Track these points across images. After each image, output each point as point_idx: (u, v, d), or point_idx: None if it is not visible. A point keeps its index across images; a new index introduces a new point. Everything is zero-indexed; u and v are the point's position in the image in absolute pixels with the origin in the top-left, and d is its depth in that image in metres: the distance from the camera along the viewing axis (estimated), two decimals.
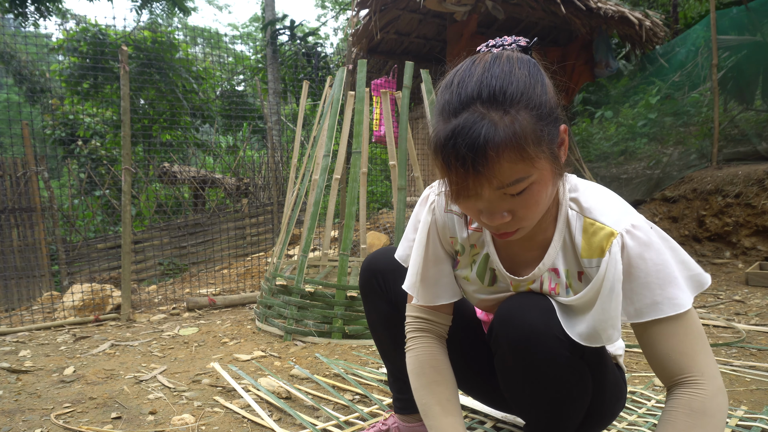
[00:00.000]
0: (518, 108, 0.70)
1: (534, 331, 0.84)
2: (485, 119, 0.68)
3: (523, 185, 0.72)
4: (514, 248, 0.92)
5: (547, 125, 0.72)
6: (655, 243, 0.78)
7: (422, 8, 4.72)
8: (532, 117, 0.70)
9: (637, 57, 5.98)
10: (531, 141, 0.70)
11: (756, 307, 2.98)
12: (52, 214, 5.84)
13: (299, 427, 1.44)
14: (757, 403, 1.59)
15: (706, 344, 0.79)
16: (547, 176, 0.75)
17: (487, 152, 0.68)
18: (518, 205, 0.74)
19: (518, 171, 0.70)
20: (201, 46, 13.63)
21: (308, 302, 2.48)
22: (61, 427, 1.48)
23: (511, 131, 0.68)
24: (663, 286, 0.77)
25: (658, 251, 0.78)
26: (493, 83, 0.71)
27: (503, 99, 0.70)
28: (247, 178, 7.73)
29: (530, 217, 0.77)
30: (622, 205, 0.83)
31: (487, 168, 0.69)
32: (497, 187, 0.71)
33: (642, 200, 5.17)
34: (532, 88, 0.72)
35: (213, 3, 26.86)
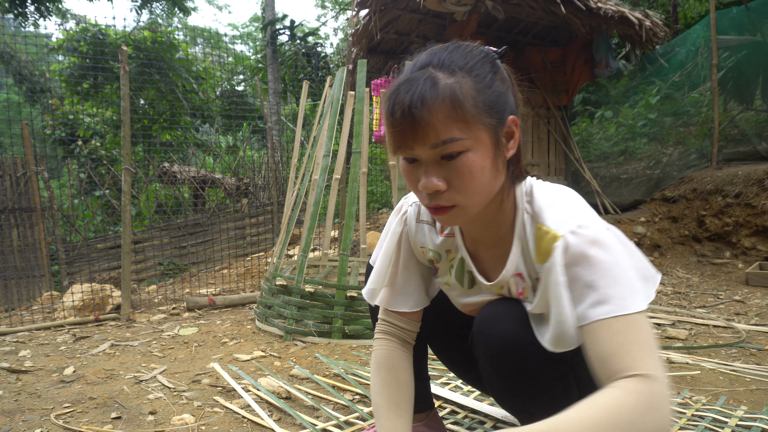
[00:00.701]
0: (463, 73, 0.74)
1: (507, 339, 0.86)
2: (430, 75, 0.74)
3: (456, 147, 0.73)
4: (482, 253, 0.93)
5: (490, 101, 0.76)
6: (604, 242, 0.73)
7: (422, 8, 4.71)
8: (475, 86, 0.74)
9: (637, 57, 5.98)
10: (470, 105, 0.73)
11: (756, 307, 2.98)
12: (52, 214, 5.84)
13: (299, 427, 1.44)
14: (757, 403, 1.59)
15: (655, 349, 0.68)
16: (485, 151, 0.75)
17: (425, 102, 0.71)
18: (453, 172, 0.75)
19: (453, 130, 0.72)
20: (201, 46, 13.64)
21: (308, 302, 2.48)
22: (61, 427, 1.48)
23: (451, 89, 0.72)
24: (610, 285, 0.71)
25: (606, 249, 0.73)
26: (447, 52, 0.78)
27: (452, 63, 0.75)
28: (247, 178, 7.74)
29: (466, 191, 0.76)
30: (575, 208, 0.79)
31: (423, 118, 0.71)
32: (432, 145, 0.73)
33: (642, 200, 5.17)
34: (481, 66, 0.77)
35: (213, 3, 26.86)
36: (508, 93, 0.80)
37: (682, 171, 5.08)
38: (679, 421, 1.43)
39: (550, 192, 0.84)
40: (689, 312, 2.88)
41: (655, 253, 4.64)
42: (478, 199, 0.79)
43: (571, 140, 5.84)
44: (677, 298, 3.35)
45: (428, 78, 0.73)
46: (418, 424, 1.23)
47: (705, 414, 1.48)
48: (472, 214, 0.80)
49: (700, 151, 5.16)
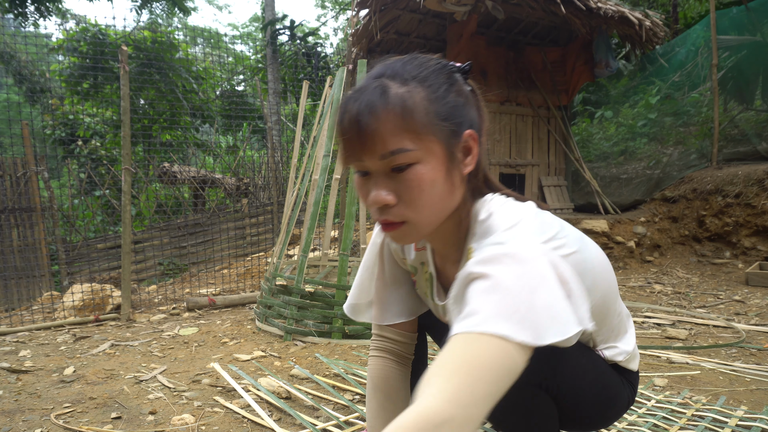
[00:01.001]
0: (415, 83, 0.72)
1: None
2: (381, 85, 0.71)
3: (406, 158, 0.70)
4: (447, 268, 0.90)
5: (444, 114, 0.73)
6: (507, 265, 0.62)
7: (422, 8, 4.71)
8: (427, 97, 0.72)
9: (637, 57, 5.98)
10: (421, 115, 0.70)
11: (756, 307, 2.98)
12: (52, 214, 5.84)
13: (299, 427, 1.44)
14: (757, 403, 1.59)
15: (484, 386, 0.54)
16: (437, 164, 0.72)
17: (373, 111, 0.69)
18: (402, 185, 0.72)
19: (402, 139, 0.70)
20: (201, 46, 13.64)
21: (308, 302, 2.48)
22: (61, 427, 1.48)
23: (402, 98, 0.70)
24: (485, 302, 0.59)
25: (504, 270, 0.61)
26: (402, 63, 0.75)
27: (405, 73, 0.73)
28: (247, 178, 7.73)
29: (415, 205, 0.72)
30: (512, 230, 0.68)
31: (371, 127, 0.69)
32: (380, 156, 0.70)
33: (642, 200, 5.17)
34: (435, 78, 0.74)
35: (213, 3, 26.86)
36: (467, 107, 0.77)
37: (682, 171, 5.08)
38: (679, 421, 1.43)
39: (499, 212, 0.74)
40: (689, 312, 2.88)
41: (655, 253, 4.64)
42: (429, 215, 0.74)
43: (571, 140, 5.84)
44: (677, 298, 3.35)
45: (378, 87, 0.71)
46: None
47: (705, 414, 1.48)
48: (423, 232, 0.76)
49: (700, 151, 5.16)
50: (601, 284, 0.84)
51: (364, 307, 1.06)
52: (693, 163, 5.10)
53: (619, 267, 4.46)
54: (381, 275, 1.01)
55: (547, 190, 5.71)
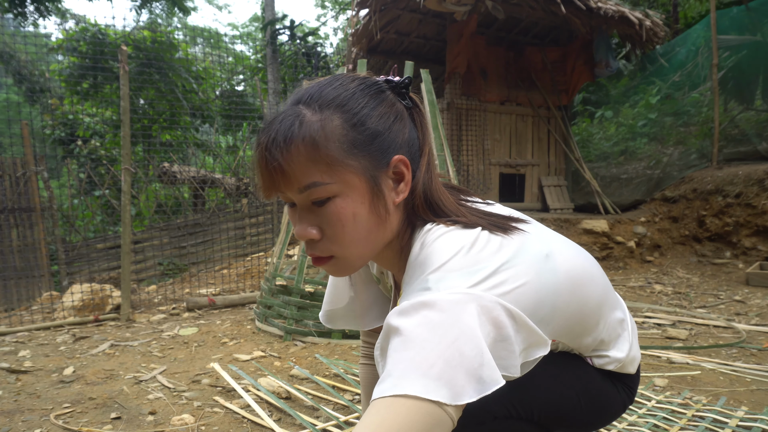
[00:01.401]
0: (332, 110, 0.68)
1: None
2: (294, 114, 0.67)
3: (321, 193, 0.66)
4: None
5: (362, 141, 0.68)
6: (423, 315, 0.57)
7: (422, 8, 4.71)
8: (343, 123, 0.67)
9: (637, 57, 5.98)
10: (335, 144, 0.66)
11: (756, 307, 2.98)
12: (51, 214, 5.84)
13: (299, 427, 1.44)
14: (758, 403, 1.59)
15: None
16: (357, 197, 0.67)
17: (284, 143, 0.65)
18: (323, 220, 0.68)
19: (314, 173, 0.66)
20: (201, 45, 13.63)
21: (308, 302, 2.48)
22: (61, 427, 1.47)
23: (312, 128, 0.66)
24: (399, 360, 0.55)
25: (419, 321, 0.57)
26: (320, 86, 0.70)
27: (319, 99, 0.68)
28: (246, 178, 7.73)
29: (339, 240, 0.69)
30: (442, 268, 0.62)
31: (283, 159, 0.65)
32: (297, 189, 0.67)
33: (642, 200, 5.17)
34: (356, 101, 0.69)
35: (213, 3, 26.85)
36: (395, 129, 0.71)
37: (682, 171, 5.08)
38: (680, 422, 1.43)
39: (432, 248, 0.66)
40: (689, 312, 2.88)
41: (656, 253, 4.64)
42: (356, 249, 0.70)
43: (571, 140, 5.84)
44: (677, 298, 3.35)
45: (292, 116, 0.67)
46: None
47: (705, 414, 1.47)
48: (356, 264, 0.73)
49: (701, 151, 5.16)
50: (571, 303, 0.74)
51: (340, 312, 1.01)
52: (693, 163, 5.10)
53: (619, 267, 4.46)
54: (354, 279, 0.97)
55: (547, 190, 5.71)
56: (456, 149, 5.42)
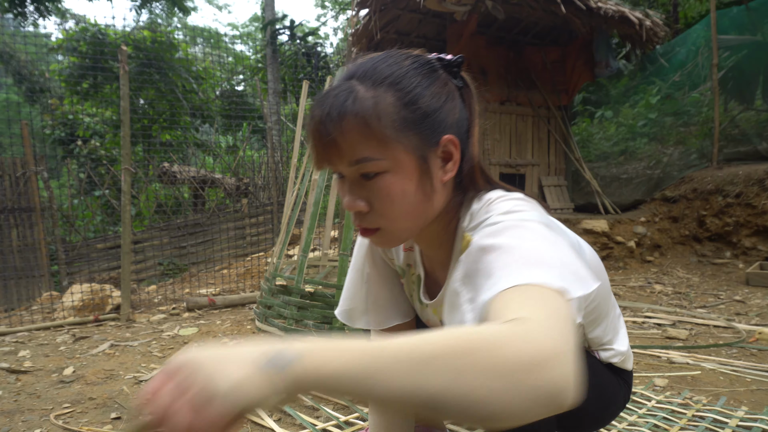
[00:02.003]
0: (386, 87, 0.68)
1: None
2: (348, 89, 0.68)
3: (372, 167, 0.68)
4: (436, 271, 0.89)
5: (413, 119, 0.69)
6: (513, 234, 0.60)
7: (422, 8, 4.71)
8: (396, 100, 0.68)
9: (638, 57, 5.98)
10: (386, 124, 0.67)
11: (756, 307, 2.98)
12: (51, 214, 5.84)
13: (299, 427, 1.44)
14: (758, 403, 1.58)
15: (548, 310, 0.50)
16: (407, 173, 0.69)
17: (338, 117, 0.66)
18: (372, 194, 0.70)
19: (367, 149, 0.67)
20: (201, 45, 13.63)
21: (308, 302, 2.48)
22: (61, 427, 1.47)
23: (366, 104, 0.66)
24: (507, 263, 0.55)
25: (513, 236, 0.59)
26: (374, 62, 0.71)
27: (373, 76, 0.69)
28: (246, 178, 7.73)
29: (387, 215, 0.71)
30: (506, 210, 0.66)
31: (336, 134, 0.66)
32: (348, 162, 0.68)
33: (642, 200, 5.17)
34: (409, 79, 0.70)
35: (213, 3, 26.85)
36: (447, 108, 0.72)
37: (682, 171, 5.08)
38: (680, 422, 1.43)
39: (497, 202, 0.71)
40: (690, 312, 2.88)
41: (656, 253, 4.64)
42: (404, 223, 0.72)
43: (571, 140, 5.84)
44: (678, 298, 3.35)
45: (346, 91, 0.67)
46: (418, 426, 1.23)
47: (705, 414, 1.47)
48: (402, 237, 0.75)
49: (701, 150, 5.16)
50: (602, 284, 0.84)
51: (359, 312, 1.02)
52: (693, 162, 5.10)
53: (619, 267, 4.46)
54: (374, 278, 0.98)
55: (547, 190, 5.71)
56: None
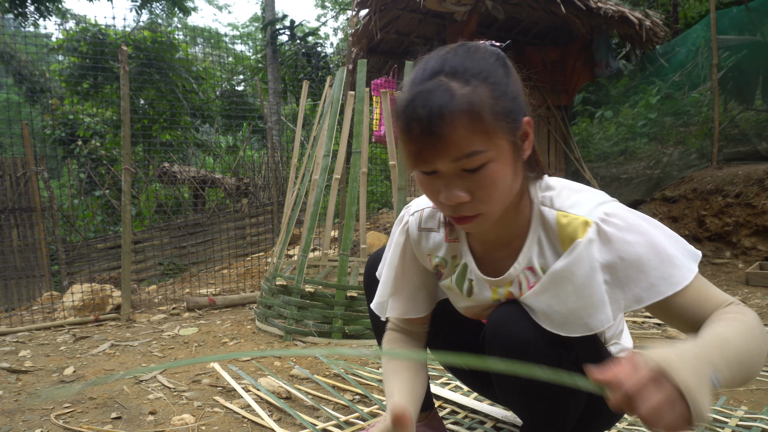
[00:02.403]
0: (478, 81, 0.72)
1: (520, 341, 0.85)
2: (445, 86, 0.70)
3: (479, 160, 0.71)
4: (493, 253, 0.92)
5: (507, 108, 0.74)
6: (637, 225, 0.78)
7: (422, 8, 4.71)
8: (491, 93, 0.72)
9: (637, 57, 5.98)
10: (488, 114, 0.71)
11: (756, 307, 2.98)
12: (52, 214, 5.84)
13: (299, 427, 1.44)
14: (758, 403, 1.59)
15: (719, 289, 0.79)
16: (506, 159, 0.75)
17: (444, 116, 0.69)
18: (476, 184, 0.74)
19: (474, 143, 0.71)
20: (201, 46, 13.64)
21: (308, 302, 2.48)
22: (61, 427, 1.48)
23: (469, 100, 0.70)
24: (657, 266, 0.75)
25: (642, 233, 0.77)
26: (458, 58, 0.74)
27: (463, 72, 0.72)
28: (247, 178, 7.73)
29: (489, 200, 0.76)
30: (597, 197, 0.82)
31: (443, 132, 0.69)
32: (453, 159, 0.71)
33: (642, 200, 5.16)
34: (494, 69, 0.75)
35: (213, 3, 26.84)
36: (521, 93, 0.79)
37: (682, 171, 5.08)
38: None
39: (569, 185, 0.86)
40: None
41: None
42: (501, 205, 0.78)
43: (571, 140, 5.84)
44: None
45: (443, 89, 0.70)
46: (420, 424, 1.23)
47: None
48: (494, 219, 0.80)
49: (701, 150, 5.15)
50: None
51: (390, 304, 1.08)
52: (693, 162, 5.09)
53: None
54: (402, 274, 1.03)
55: None
56: None
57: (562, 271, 0.81)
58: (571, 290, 0.80)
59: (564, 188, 0.85)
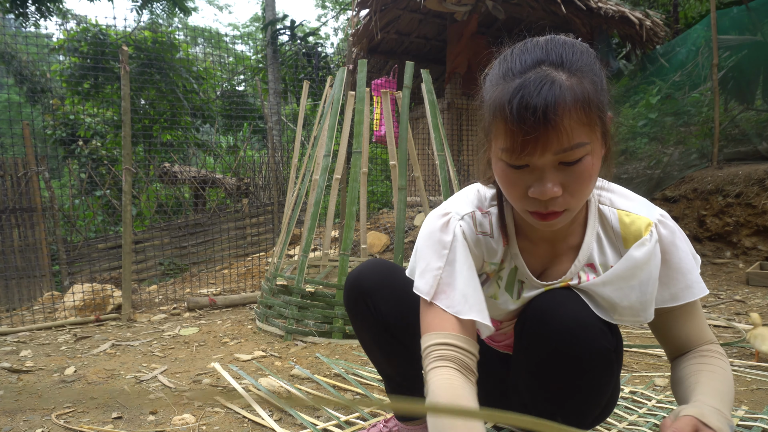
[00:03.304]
0: (583, 73, 0.71)
1: (579, 323, 0.83)
2: (553, 76, 0.69)
3: (580, 153, 0.71)
4: (545, 252, 0.91)
5: (604, 102, 0.74)
6: (678, 232, 0.86)
7: (422, 8, 4.71)
8: (595, 89, 0.72)
9: (638, 57, 5.98)
10: (593, 107, 0.71)
11: (756, 307, 2.98)
12: (52, 214, 5.84)
13: (300, 427, 1.45)
14: (758, 403, 1.59)
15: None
16: (598, 153, 0.75)
17: (557, 105, 0.68)
18: (571, 177, 0.73)
19: (581, 134, 0.70)
20: (201, 46, 13.65)
21: (309, 302, 2.48)
22: (62, 427, 1.48)
23: (579, 90, 0.69)
24: (691, 270, 0.85)
25: (682, 240, 0.86)
26: (559, 49, 0.73)
27: (569, 63, 0.71)
28: (247, 178, 7.74)
29: (580, 194, 0.75)
30: (646, 200, 0.90)
31: (558, 121, 0.68)
32: (558, 150, 0.70)
33: None
34: (595, 66, 0.75)
35: (213, 3, 26.86)
36: (604, 78, 0.78)
37: (682, 171, 5.08)
38: None
39: (617, 186, 0.91)
40: None
41: None
42: (585, 199, 0.78)
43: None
44: None
45: (550, 79, 0.69)
46: (420, 428, 1.23)
47: None
48: (574, 215, 0.80)
49: (701, 150, 5.15)
50: None
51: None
52: (693, 162, 5.09)
53: None
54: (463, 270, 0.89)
55: None
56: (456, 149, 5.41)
57: (632, 267, 0.84)
58: (636, 285, 0.84)
59: (617, 188, 0.90)
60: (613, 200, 0.88)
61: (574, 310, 0.84)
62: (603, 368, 0.86)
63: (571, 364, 0.84)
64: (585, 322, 0.84)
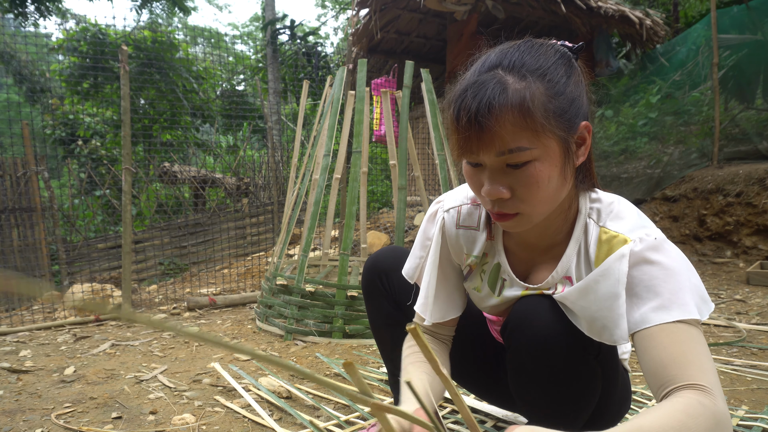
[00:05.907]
0: (534, 77, 0.71)
1: (552, 331, 0.84)
2: (499, 79, 0.70)
3: (524, 156, 0.70)
4: (529, 255, 0.91)
5: (562, 108, 0.72)
6: (668, 250, 0.75)
7: (422, 8, 4.71)
8: (546, 91, 0.71)
9: (638, 56, 5.97)
10: (540, 112, 0.69)
11: (757, 306, 2.98)
12: (52, 214, 5.84)
13: (300, 426, 1.44)
14: (758, 402, 1.59)
15: (713, 364, 0.69)
16: (553, 160, 0.73)
17: (492, 109, 0.68)
18: (518, 181, 0.73)
19: (521, 138, 0.69)
20: (201, 45, 13.64)
21: (309, 302, 2.48)
22: (62, 426, 1.48)
23: (521, 95, 0.69)
24: (674, 291, 0.72)
25: (669, 257, 0.74)
26: (516, 54, 0.73)
27: (521, 67, 0.71)
28: (247, 177, 7.73)
29: (530, 200, 0.74)
30: (643, 220, 0.81)
31: (490, 126, 0.69)
32: (497, 153, 0.71)
33: (642, 199, 5.16)
34: (554, 67, 0.73)
35: (213, 2, 26.84)
36: (582, 96, 0.77)
37: (682, 170, 5.08)
38: None
39: (616, 200, 0.84)
40: None
41: None
42: (543, 207, 0.76)
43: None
44: None
45: (497, 82, 0.70)
46: None
47: None
48: (536, 221, 0.79)
49: (701, 150, 5.15)
50: None
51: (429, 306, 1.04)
52: (694, 162, 5.09)
53: None
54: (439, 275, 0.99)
55: None
56: None
57: (589, 281, 0.80)
58: (593, 300, 0.79)
59: (613, 203, 0.83)
60: (600, 215, 0.83)
61: (549, 320, 0.84)
62: (577, 379, 0.85)
63: (544, 373, 0.86)
64: (559, 331, 0.84)
